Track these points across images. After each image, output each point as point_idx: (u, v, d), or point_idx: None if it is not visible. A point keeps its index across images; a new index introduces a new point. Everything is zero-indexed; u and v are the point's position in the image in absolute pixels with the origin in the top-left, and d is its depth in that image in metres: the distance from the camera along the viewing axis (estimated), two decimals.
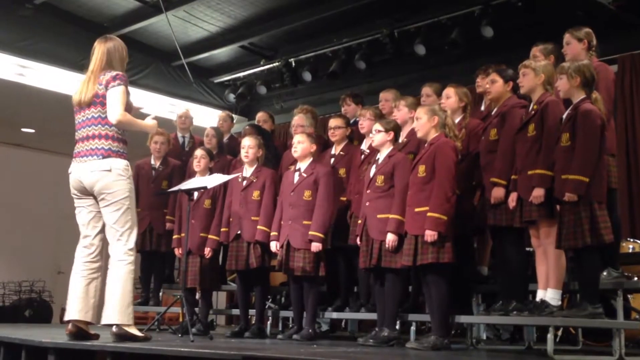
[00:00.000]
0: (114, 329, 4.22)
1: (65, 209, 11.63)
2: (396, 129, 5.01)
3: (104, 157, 4.26)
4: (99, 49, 4.41)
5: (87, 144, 4.32)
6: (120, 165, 4.30)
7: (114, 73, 4.32)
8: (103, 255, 4.43)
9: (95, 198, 4.36)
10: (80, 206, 4.44)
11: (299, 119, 6.14)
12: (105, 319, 4.24)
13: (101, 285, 4.39)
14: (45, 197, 11.63)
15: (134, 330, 4.27)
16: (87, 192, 4.36)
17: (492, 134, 4.64)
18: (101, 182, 4.26)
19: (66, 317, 4.33)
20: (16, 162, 11.65)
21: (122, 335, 4.19)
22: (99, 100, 4.31)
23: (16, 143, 11.79)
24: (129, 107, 4.38)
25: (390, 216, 4.74)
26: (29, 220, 11.47)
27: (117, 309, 4.20)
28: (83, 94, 4.34)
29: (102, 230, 4.42)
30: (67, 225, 11.22)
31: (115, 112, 4.24)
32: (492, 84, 4.75)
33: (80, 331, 4.27)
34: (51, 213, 11.65)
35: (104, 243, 4.44)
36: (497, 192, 4.45)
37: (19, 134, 11.42)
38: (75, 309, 4.27)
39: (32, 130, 11.29)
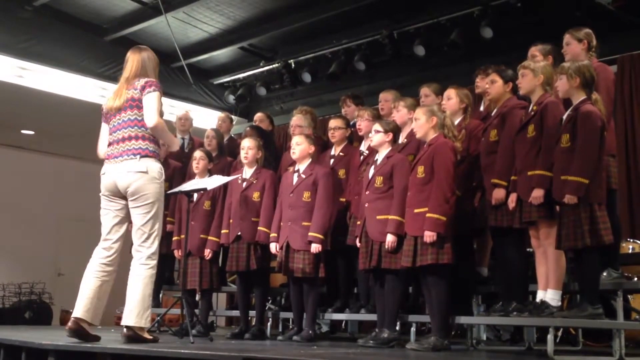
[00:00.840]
0: (125, 330, 4.26)
1: (66, 211, 11.69)
2: (395, 130, 5.01)
3: (141, 157, 4.32)
4: (134, 58, 4.51)
5: (123, 146, 4.37)
6: (155, 168, 4.37)
7: (147, 79, 4.41)
8: (119, 260, 4.44)
9: (125, 199, 4.38)
10: (108, 209, 4.46)
11: (297, 119, 6.13)
12: (123, 320, 4.31)
13: (111, 289, 4.42)
14: (45, 198, 11.65)
15: (145, 334, 4.31)
16: (119, 194, 4.38)
17: (492, 135, 4.63)
18: (136, 183, 4.30)
19: (74, 314, 4.32)
20: (16, 164, 11.65)
21: (132, 338, 4.23)
22: (135, 104, 4.38)
23: (16, 145, 11.78)
24: (160, 114, 4.45)
25: (390, 217, 4.73)
26: (28, 222, 11.47)
27: (135, 312, 4.25)
28: (116, 100, 4.41)
29: (124, 236, 4.45)
30: (67, 227, 11.36)
31: (151, 117, 4.32)
32: (491, 84, 4.74)
33: (81, 329, 4.27)
34: (51, 215, 11.66)
35: (122, 249, 4.46)
36: (498, 193, 4.44)
37: (19, 136, 11.42)
38: (83, 307, 4.29)
39: (32, 132, 11.29)
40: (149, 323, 4.36)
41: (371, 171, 4.95)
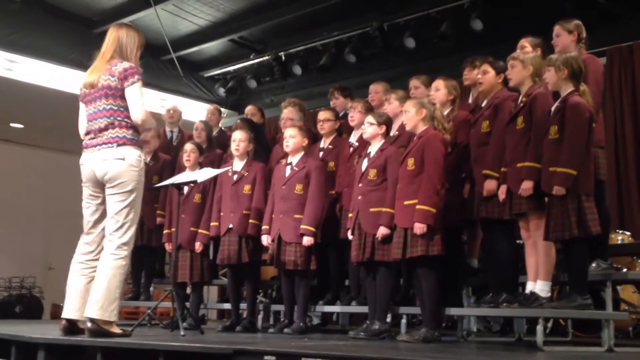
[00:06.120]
0: (88, 324, 4.06)
1: (56, 205, 11.66)
2: (388, 123, 5.00)
3: (118, 145, 4.18)
4: (111, 35, 4.33)
5: (101, 136, 4.22)
6: (134, 155, 4.21)
7: (126, 65, 4.23)
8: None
9: (104, 191, 4.26)
10: (89, 202, 4.34)
11: (288, 112, 6.12)
12: (86, 312, 4.09)
13: None
14: (35, 192, 11.59)
15: (114, 328, 4.12)
16: (98, 184, 4.25)
17: (484, 126, 4.62)
18: (113, 170, 4.16)
19: (64, 315, 4.21)
20: (5, 158, 11.58)
21: (96, 332, 4.03)
22: (111, 93, 4.21)
23: (5, 138, 11.72)
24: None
25: (384, 209, 4.74)
26: (18, 216, 11.41)
27: (99, 304, 4.04)
28: (93, 78, 4.24)
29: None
30: (58, 221, 11.32)
31: (137, 112, 4.19)
32: (483, 75, 4.73)
33: (74, 327, 4.22)
34: (41, 209, 11.60)
35: None
36: (490, 185, 4.43)
37: (8, 129, 11.36)
38: (75, 307, 4.18)
39: (21, 126, 11.23)
40: (115, 317, 4.13)
41: (364, 163, 4.95)
